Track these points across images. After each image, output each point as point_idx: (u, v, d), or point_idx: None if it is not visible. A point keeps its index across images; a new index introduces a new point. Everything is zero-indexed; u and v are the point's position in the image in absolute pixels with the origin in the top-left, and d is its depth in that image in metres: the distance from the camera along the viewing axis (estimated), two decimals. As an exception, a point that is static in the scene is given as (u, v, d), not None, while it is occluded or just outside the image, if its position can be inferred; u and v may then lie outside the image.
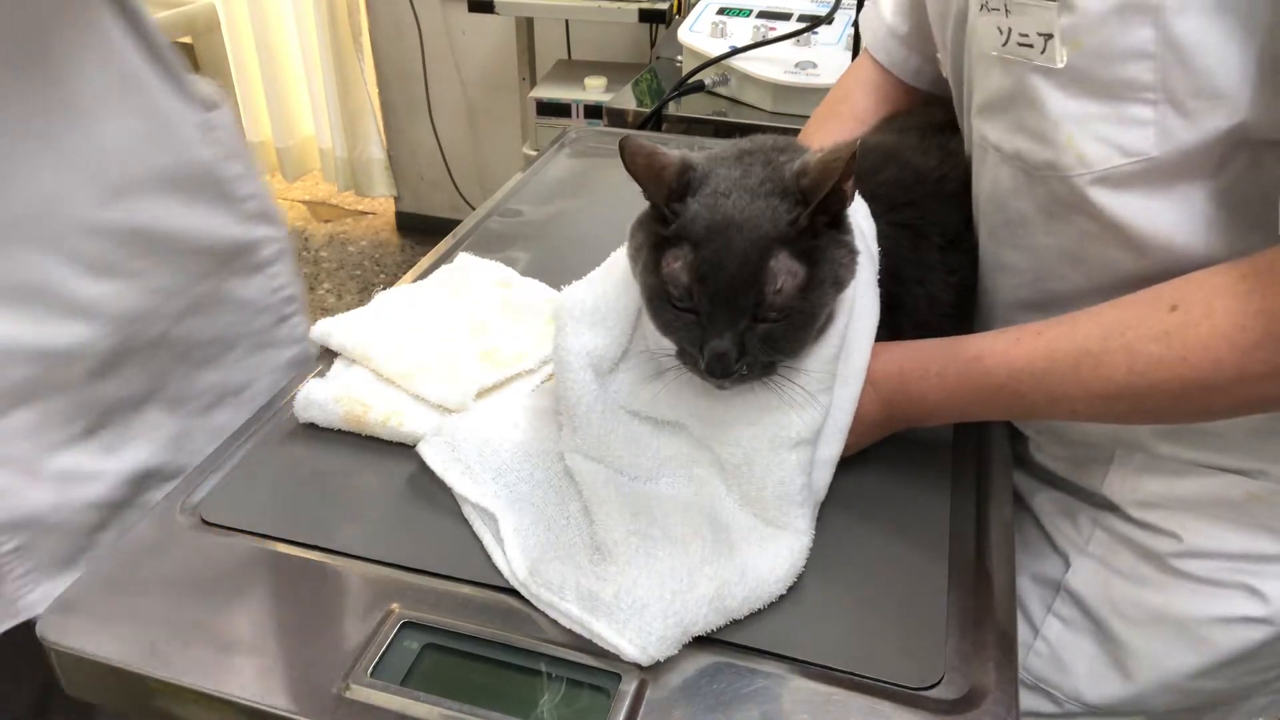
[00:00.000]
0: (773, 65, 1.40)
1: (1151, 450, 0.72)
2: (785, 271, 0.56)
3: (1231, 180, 0.57)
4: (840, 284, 0.59)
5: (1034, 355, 0.60)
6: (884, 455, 0.69)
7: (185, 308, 0.82)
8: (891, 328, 0.67)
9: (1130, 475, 0.73)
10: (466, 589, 0.60)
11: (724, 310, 0.56)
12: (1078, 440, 0.77)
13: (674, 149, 0.60)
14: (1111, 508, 0.75)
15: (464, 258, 0.93)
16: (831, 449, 0.64)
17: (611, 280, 0.66)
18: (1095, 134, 0.58)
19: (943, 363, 0.64)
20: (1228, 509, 0.70)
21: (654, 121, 1.46)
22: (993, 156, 0.67)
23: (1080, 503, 0.78)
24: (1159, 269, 0.60)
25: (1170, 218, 0.59)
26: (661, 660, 0.54)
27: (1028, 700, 0.81)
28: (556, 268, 0.90)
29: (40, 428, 0.74)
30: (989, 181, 0.69)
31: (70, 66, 0.71)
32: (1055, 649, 0.78)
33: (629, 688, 0.53)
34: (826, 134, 0.90)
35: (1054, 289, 0.68)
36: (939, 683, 0.53)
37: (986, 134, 0.67)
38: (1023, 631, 0.80)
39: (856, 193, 0.67)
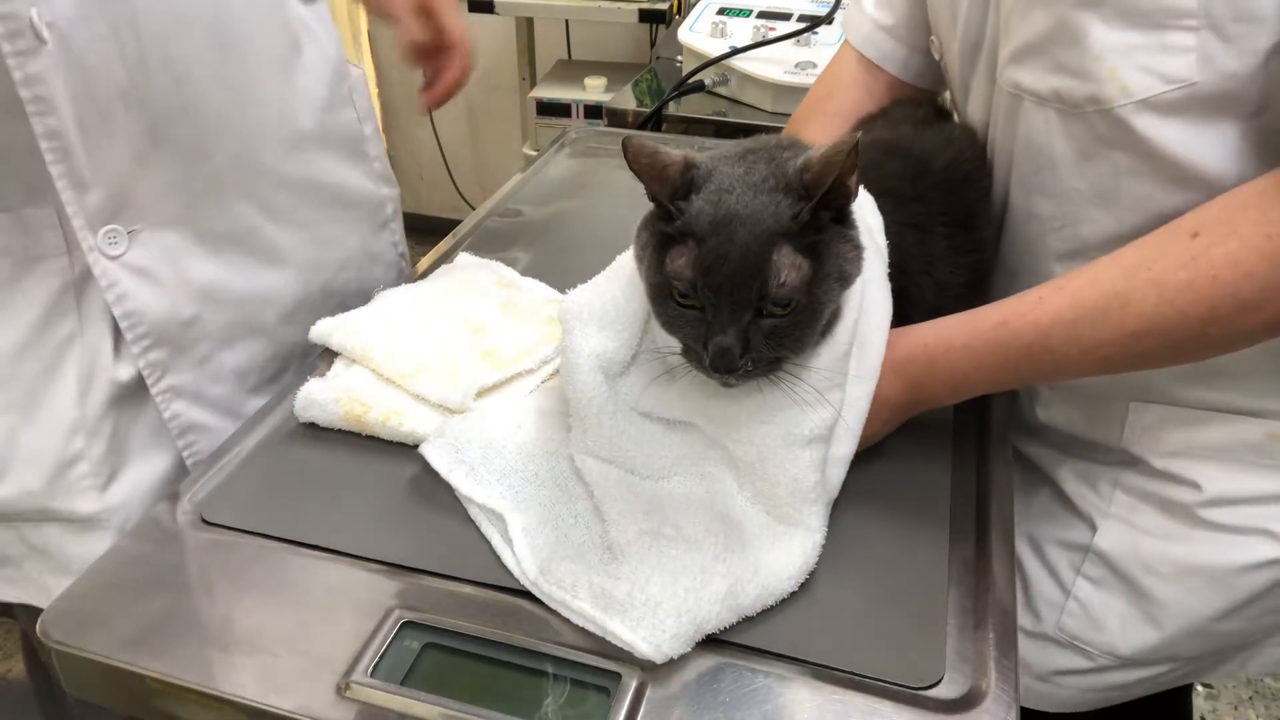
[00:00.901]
0: (772, 65, 1.40)
1: (1169, 396, 0.73)
2: (789, 265, 0.56)
3: (1273, 115, 0.58)
4: (845, 279, 0.59)
5: (1060, 308, 0.61)
6: (885, 454, 0.69)
7: (342, 260, 0.89)
8: (899, 318, 0.67)
9: (1149, 428, 0.75)
10: (466, 589, 0.60)
11: (728, 304, 0.56)
12: (1089, 395, 0.78)
13: (676, 148, 0.60)
14: (1131, 462, 0.77)
15: (464, 257, 0.93)
16: (845, 446, 0.64)
17: (619, 283, 0.66)
18: (1138, 64, 0.60)
19: (968, 334, 0.64)
20: (1247, 452, 0.71)
21: (654, 121, 1.45)
22: (1028, 103, 0.68)
23: (1099, 466, 0.79)
24: (1192, 205, 0.61)
25: (1210, 150, 0.60)
26: (675, 658, 0.54)
27: (1062, 658, 0.83)
28: (556, 268, 0.90)
29: (241, 371, 0.80)
30: (1023, 130, 0.70)
31: (262, 30, 0.77)
32: (1087, 608, 0.80)
33: (629, 687, 0.53)
34: (813, 133, 0.91)
35: (1084, 234, 0.69)
36: (939, 683, 0.53)
37: (1021, 80, 0.68)
38: (1054, 594, 0.82)
39: (862, 188, 0.67)
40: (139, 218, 0.70)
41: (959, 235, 0.72)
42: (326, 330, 0.80)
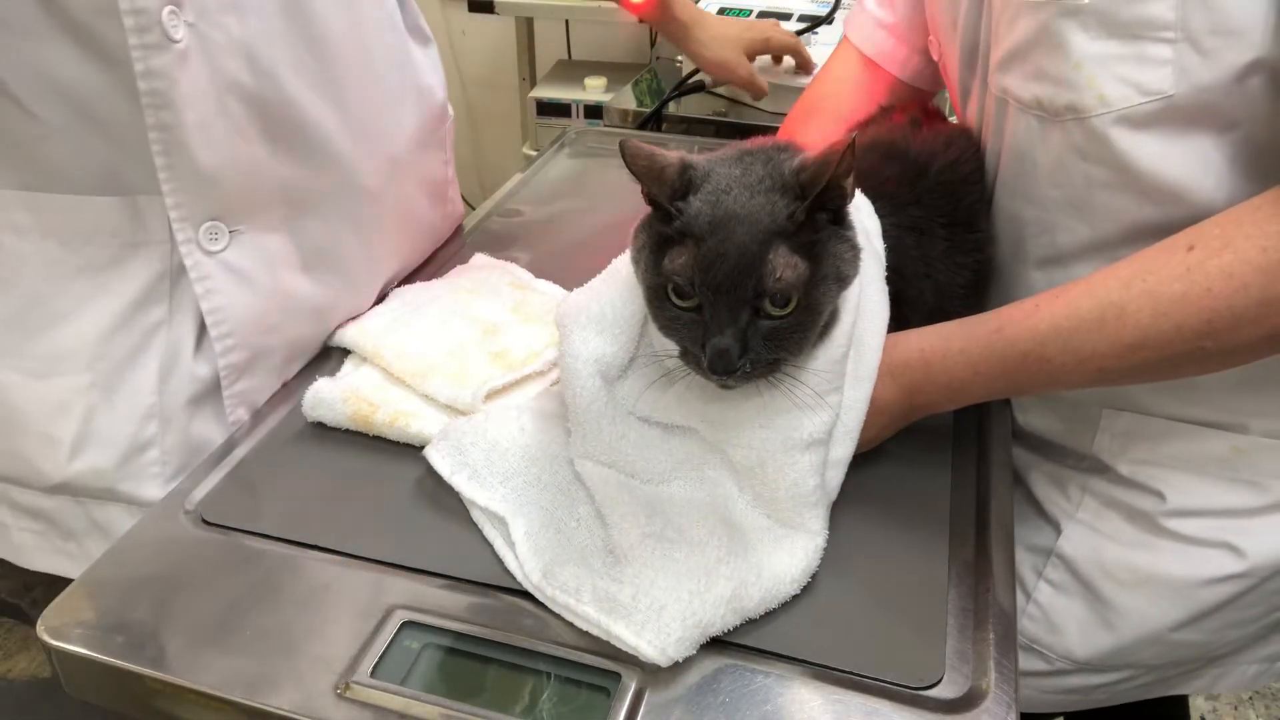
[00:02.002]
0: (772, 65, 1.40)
1: (1141, 406, 0.73)
2: (785, 264, 0.56)
3: (1248, 130, 0.59)
4: (843, 280, 0.59)
5: (1056, 316, 0.61)
6: (885, 457, 0.69)
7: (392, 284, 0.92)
8: (898, 321, 0.67)
9: (1119, 436, 0.75)
10: (467, 589, 0.60)
11: (726, 304, 0.56)
12: (1066, 401, 0.79)
13: (673, 149, 0.60)
14: (1101, 469, 0.77)
15: (479, 258, 0.93)
16: (843, 449, 0.64)
17: (615, 287, 0.66)
18: (1115, 74, 0.60)
19: (965, 340, 0.64)
20: (1212, 464, 0.72)
21: (654, 121, 1.45)
22: (1013, 109, 0.69)
23: (1070, 470, 0.80)
24: (1165, 218, 0.62)
25: (1183, 164, 0.61)
26: (680, 661, 0.54)
27: (1020, 660, 0.82)
28: (557, 268, 0.90)
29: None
30: (1009, 135, 0.71)
31: (383, 65, 0.81)
32: (1047, 612, 0.81)
33: (629, 687, 0.53)
34: (810, 133, 0.91)
35: (1060, 242, 0.70)
36: (939, 683, 0.53)
37: (1007, 86, 0.69)
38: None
39: (859, 191, 0.67)
40: (245, 219, 0.72)
41: (960, 235, 0.72)
42: (341, 333, 0.81)
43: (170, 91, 0.63)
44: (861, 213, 0.66)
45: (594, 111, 2.11)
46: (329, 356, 0.82)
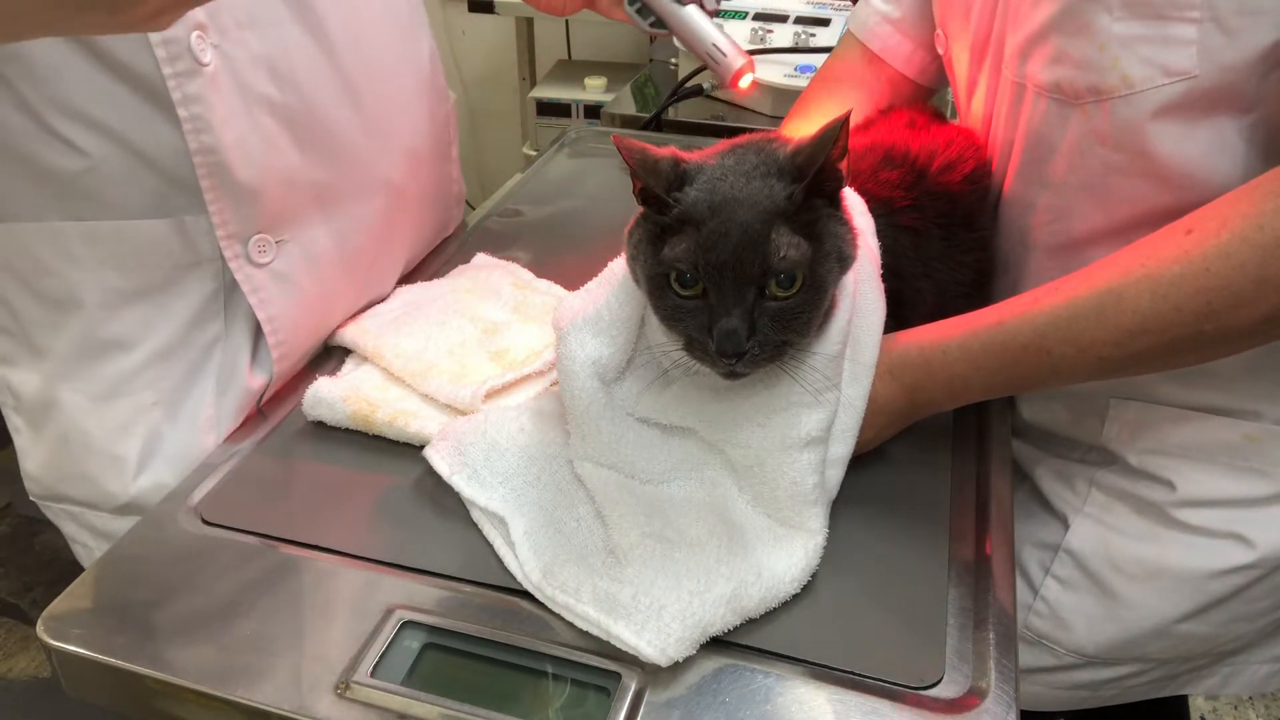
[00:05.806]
0: (771, 68, 1.40)
1: (1150, 394, 0.73)
2: (789, 243, 0.56)
3: (1266, 112, 0.59)
4: (844, 260, 0.59)
5: (1055, 306, 0.61)
6: (885, 457, 0.69)
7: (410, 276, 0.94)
8: (898, 321, 0.67)
9: (1128, 425, 0.75)
10: (467, 589, 0.60)
11: (731, 284, 0.56)
12: (1073, 391, 0.78)
13: (664, 147, 0.61)
14: (1109, 461, 0.77)
15: (481, 258, 0.93)
16: (843, 447, 0.64)
17: (611, 289, 0.65)
18: (1140, 56, 0.60)
19: (964, 335, 0.64)
20: (1222, 453, 0.72)
21: (653, 125, 1.45)
22: (1030, 95, 0.69)
23: (1077, 464, 0.80)
24: (1180, 203, 0.61)
25: (1202, 147, 0.61)
26: (680, 661, 0.54)
27: (1028, 656, 0.83)
28: (557, 268, 0.90)
29: None
30: (1025, 120, 0.71)
31: (399, 61, 0.84)
32: (1054, 608, 0.80)
33: (629, 687, 0.53)
34: (811, 130, 0.90)
35: (1074, 229, 0.70)
36: (939, 682, 0.53)
37: (1025, 70, 0.69)
38: (1022, 593, 0.82)
39: (852, 190, 0.67)
40: (287, 228, 0.74)
41: (959, 235, 0.72)
42: (341, 332, 0.81)
43: (208, 115, 0.65)
44: (855, 212, 0.66)
45: (594, 111, 2.12)
46: (329, 356, 0.82)
